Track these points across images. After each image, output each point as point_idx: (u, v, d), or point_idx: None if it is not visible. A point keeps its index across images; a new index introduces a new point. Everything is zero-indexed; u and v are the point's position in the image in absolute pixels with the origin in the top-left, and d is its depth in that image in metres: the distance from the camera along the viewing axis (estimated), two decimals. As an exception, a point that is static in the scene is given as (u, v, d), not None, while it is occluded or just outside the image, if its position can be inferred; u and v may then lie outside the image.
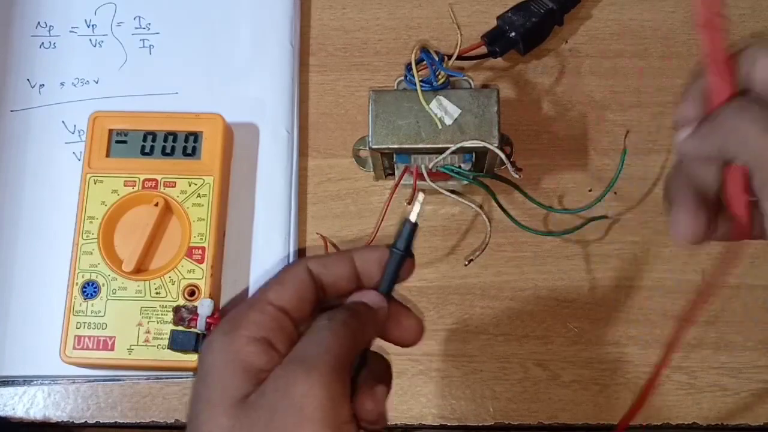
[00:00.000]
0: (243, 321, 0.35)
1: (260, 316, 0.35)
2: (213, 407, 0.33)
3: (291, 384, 0.32)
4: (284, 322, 0.36)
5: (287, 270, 0.38)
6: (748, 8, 0.55)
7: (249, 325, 0.35)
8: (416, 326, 0.39)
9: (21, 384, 0.49)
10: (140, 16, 0.55)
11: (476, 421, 0.48)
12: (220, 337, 0.35)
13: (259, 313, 0.35)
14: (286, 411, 0.32)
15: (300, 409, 0.31)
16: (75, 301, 0.47)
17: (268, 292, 0.36)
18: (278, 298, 0.36)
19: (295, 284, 0.37)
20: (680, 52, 0.54)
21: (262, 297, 0.36)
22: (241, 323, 0.35)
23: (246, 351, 0.34)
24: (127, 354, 0.46)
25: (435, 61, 0.46)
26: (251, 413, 0.32)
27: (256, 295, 0.37)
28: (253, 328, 0.35)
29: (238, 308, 0.36)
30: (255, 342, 0.34)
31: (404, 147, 0.46)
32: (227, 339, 0.35)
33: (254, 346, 0.34)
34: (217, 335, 0.35)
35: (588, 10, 0.55)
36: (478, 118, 0.46)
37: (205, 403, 0.34)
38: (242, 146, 0.52)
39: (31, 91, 0.54)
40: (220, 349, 0.35)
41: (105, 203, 0.48)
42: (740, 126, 0.33)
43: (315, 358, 0.33)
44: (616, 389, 0.49)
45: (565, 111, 0.53)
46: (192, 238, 0.48)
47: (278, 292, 0.36)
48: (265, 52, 0.54)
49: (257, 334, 0.34)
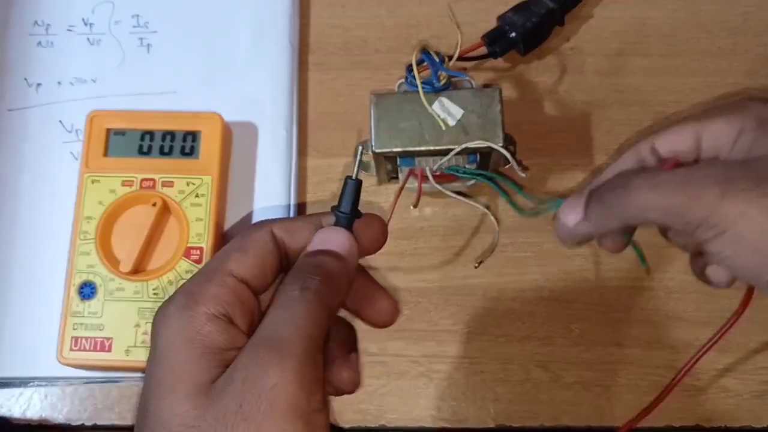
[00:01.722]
0: (201, 295, 0.33)
1: (220, 289, 0.33)
2: (173, 392, 0.31)
3: (262, 372, 0.30)
4: (245, 294, 0.34)
5: (250, 236, 0.35)
6: (752, 6, 0.55)
7: (208, 300, 0.32)
8: (391, 307, 0.38)
9: (18, 385, 0.49)
10: (138, 15, 0.55)
11: (477, 423, 0.48)
12: (177, 312, 0.32)
13: (218, 286, 0.33)
14: (256, 401, 0.30)
15: (270, 401, 0.30)
16: (72, 302, 0.47)
17: (229, 261, 0.34)
18: (240, 269, 0.34)
19: (258, 252, 0.34)
20: (683, 51, 0.54)
21: (222, 267, 0.34)
22: (200, 298, 0.33)
23: (206, 330, 0.32)
24: (125, 355, 0.46)
25: (436, 62, 0.46)
26: (217, 401, 0.30)
27: (216, 261, 0.34)
28: (212, 303, 0.32)
29: (196, 278, 0.34)
30: (215, 320, 0.32)
31: (408, 150, 0.46)
32: (185, 316, 0.32)
33: (214, 324, 0.32)
34: (173, 309, 0.33)
35: (589, 9, 0.55)
36: (482, 118, 0.45)
37: (165, 388, 0.31)
38: (241, 146, 0.52)
39: (29, 90, 0.53)
40: (177, 326, 0.32)
41: (102, 203, 0.48)
42: (631, 198, 0.36)
43: (288, 343, 0.31)
44: (618, 391, 0.48)
45: (566, 110, 0.53)
46: (190, 239, 0.47)
47: (240, 261, 0.34)
48: (264, 50, 0.54)
49: (217, 310, 0.32)
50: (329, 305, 0.33)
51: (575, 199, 0.39)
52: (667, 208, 0.34)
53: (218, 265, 0.34)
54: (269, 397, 0.30)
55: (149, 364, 0.33)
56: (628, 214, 0.36)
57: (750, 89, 0.53)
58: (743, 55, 0.54)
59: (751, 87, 0.53)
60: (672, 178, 0.35)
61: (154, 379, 0.32)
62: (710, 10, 0.55)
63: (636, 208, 0.35)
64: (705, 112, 0.38)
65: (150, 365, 0.32)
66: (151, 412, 0.31)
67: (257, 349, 0.31)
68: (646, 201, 0.35)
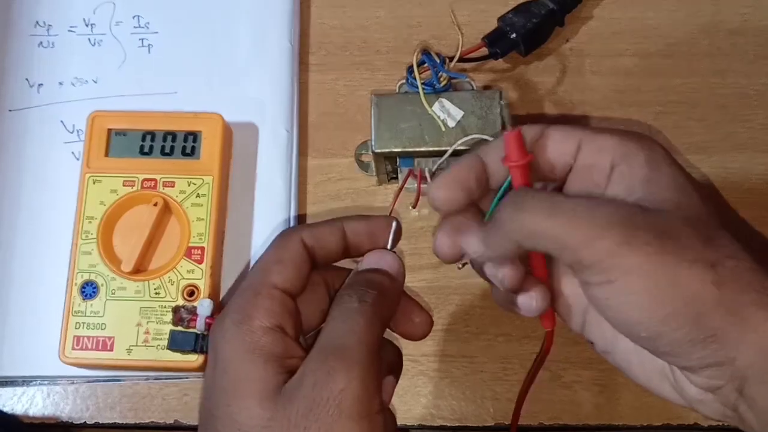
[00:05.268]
0: (254, 310, 0.35)
1: (270, 302, 0.36)
2: (243, 398, 0.33)
3: (330, 378, 0.33)
4: (290, 304, 0.36)
5: (284, 246, 0.38)
6: (750, 7, 0.55)
7: (261, 314, 0.35)
8: (426, 321, 0.40)
9: (20, 384, 0.49)
10: (139, 16, 0.55)
11: (477, 422, 0.48)
12: (234, 327, 0.35)
13: (268, 299, 0.36)
14: (325, 404, 0.32)
15: (338, 404, 0.32)
16: (74, 302, 0.47)
17: (272, 274, 0.36)
18: (281, 281, 0.36)
19: (294, 262, 0.37)
20: (682, 51, 0.54)
21: (266, 281, 0.36)
22: (253, 312, 0.35)
23: (264, 341, 0.34)
24: (126, 354, 0.46)
25: (436, 64, 0.46)
26: (288, 405, 0.33)
27: (259, 275, 0.37)
28: (265, 316, 0.35)
29: (244, 294, 0.36)
30: (270, 332, 0.35)
31: (407, 150, 0.46)
32: (242, 330, 0.35)
33: (270, 336, 0.35)
34: (228, 325, 0.35)
35: (589, 10, 0.55)
36: (482, 120, 0.45)
37: (233, 395, 0.34)
38: (241, 146, 0.52)
39: (30, 90, 0.53)
40: (236, 340, 0.35)
41: (104, 203, 0.48)
42: (524, 220, 0.33)
43: (351, 351, 0.33)
44: (617, 390, 0.48)
45: (567, 111, 0.53)
46: (191, 238, 0.48)
47: (281, 273, 0.36)
48: (264, 51, 0.54)
49: (271, 322, 0.35)
50: (383, 318, 0.36)
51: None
52: (561, 241, 0.32)
53: (262, 279, 0.37)
54: (337, 399, 0.32)
55: (211, 375, 0.35)
56: (518, 236, 0.33)
57: (749, 89, 0.53)
58: (742, 56, 0.54)
59: (750, 87, 0.53)
60: (573, 208, 0.32)
61: (219, 388, 0.34)
62: (709, 11, 0.55)
63: (527, 231, 0.32)
64: (602, 128, 0.37)
65: (212, 376, 0.35)
66: (219, 417, 0.34)
67: (325, 356, 0.34)
68: (539, 226, 0.32)
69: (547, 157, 0.36)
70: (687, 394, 0.34)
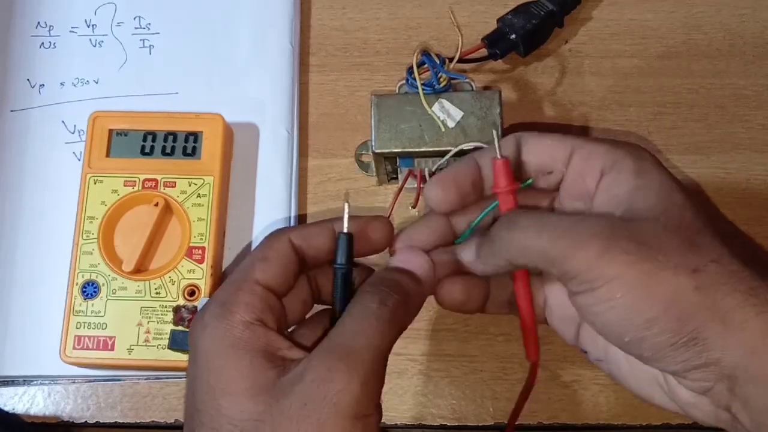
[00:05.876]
0: (235, 304, 0.35)
1: (250, 297, 0.35)
2: (232, 394, 0.33)
3: (329, 377, 0.32)
4: (272, 300, 0.36)
5: (270, 245, 0.37)
6: (749, 8, 0.55)
7: (242, 309, 0.35)
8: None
9: (21, 384, 0.49)
10: (140, 16, 0.55)
11: (476, 421, 0.48)
12: (214, 321, 0.35)
13: (249, 294, 0.35)
14: (321, 401, 0.32)
15: (336, 403, 0.32)
16: (75, 301, 0.47)
17: (254, 270, 0.36)
18: (264, 277, 0.36)
19: (279, 260, 0.37)
20: (680, 52, 0.55)
21: (249, 276, 0.36)
22: (233, 307, 0.35)
23: (246, 336, 0.34)
24: (127, 354, 0.46)
25: (436, 64, 0.46)
26: (282, 398, 0.32)
27: (242, 272, 0.37)
28: (246, 311, 0.35)
29: (225, 289, 0.36)
30: (251, 326, 0.34)
31: (407, 150, 0.46)
32: (223, 325, 0.34)
33: (251, 330, 0.34)
34: (209, 319, 0.35)
35: (588, 11, 0.55)
36: (481, 120, 0.46)
37: (219, 392, 0.33)
38: (242, 146, 0.52)
39: (31, 91, 0.54)
40: (217, 335, 0.34)
41: (105, 203, 0.48)
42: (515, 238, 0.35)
43: (357, 354, 0.33)
44: (616, 389, 0.48)
45: (566, 112, 0.53)
46: (192, 238, 0.48)
47: (264, 271, 0.36)
48: (264, 52, 0.54)
49: (251, 317, 0.35)
50: (401, 324, 0.36)
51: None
52: (548, 254, 0.34)
53: (245, 275, 0.36)
54: (334, 399, 0.32)
55: (193, 370, 0.35)
56: (511, 254, 0.36)
57: (747, 90, 0.53)
58: (740, 56, 0.54)
59: (748, 88, 0.53)
60: (558, 224, 0.35)
61: (204, 383, 0.34)
62: (707, 11, 0.55)
63: (519, 248, 0.35)
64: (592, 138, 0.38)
65: (194, 371, 0.35)
66: (204, 411, 0.33)
67: (328, 354, 0.33)
68: (529, 243, 0.35)
69: (541, 162, 0.38)
70: (680, 398, 0.35)
